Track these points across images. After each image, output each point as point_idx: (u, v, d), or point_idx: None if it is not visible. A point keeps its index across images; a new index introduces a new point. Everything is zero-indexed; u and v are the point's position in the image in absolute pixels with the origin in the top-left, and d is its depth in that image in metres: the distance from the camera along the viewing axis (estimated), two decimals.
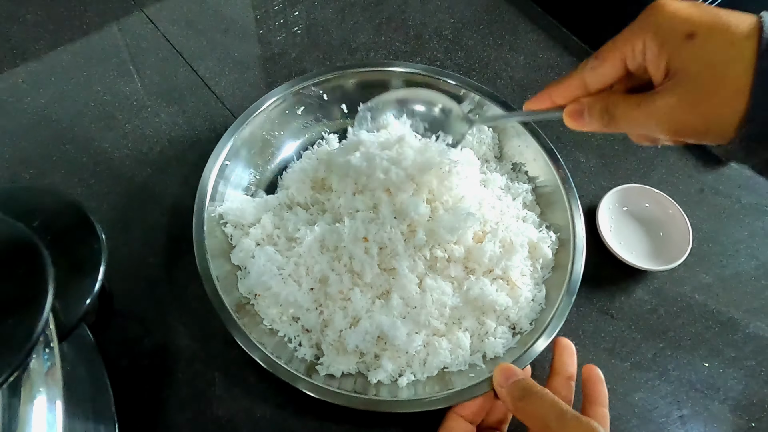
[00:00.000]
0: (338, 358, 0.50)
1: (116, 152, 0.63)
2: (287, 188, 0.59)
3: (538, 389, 0.41)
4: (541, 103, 0.41)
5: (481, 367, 0.50)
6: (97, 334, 0.49)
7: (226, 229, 0.55)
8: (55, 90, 0.67)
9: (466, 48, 0.76)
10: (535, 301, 0.54)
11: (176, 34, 0.73)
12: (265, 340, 0.49)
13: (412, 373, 0.50)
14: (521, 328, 0.53)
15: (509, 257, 0.53)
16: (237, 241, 0.55)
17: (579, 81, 0.38)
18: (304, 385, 0.47)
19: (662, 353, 0.57)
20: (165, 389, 0.51)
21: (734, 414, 0.54)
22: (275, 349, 0.49)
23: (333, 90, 0.64)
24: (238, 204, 0.56)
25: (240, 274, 0.54)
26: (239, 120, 0.59)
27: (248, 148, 0.59)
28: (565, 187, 0.58)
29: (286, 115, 0.62)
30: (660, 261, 0.59)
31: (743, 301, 0.60)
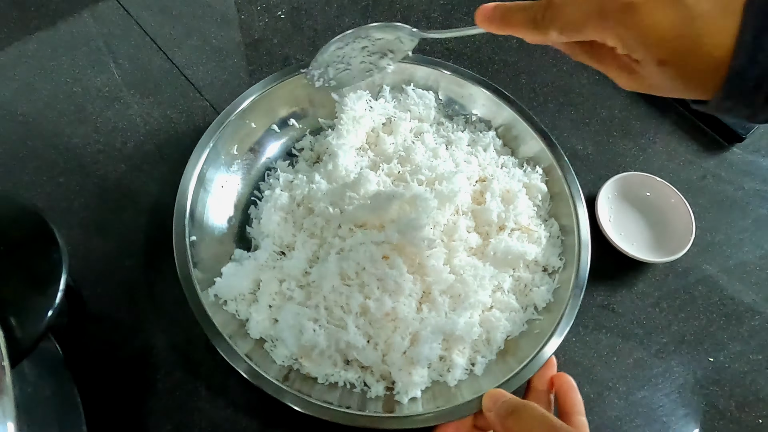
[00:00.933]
0: (412, 378, 0.47)
1: (87, 147, 0.59)
2: (268, 236, 0.53)
3: (526, 404, 0.40)
4: (496, 29, 0.37)
5: (540, 320, 0.51)
6: (69, 343, 0.46)
7: (228, 307, 0.49)
8: (21, 82, 0.62)
9: None
10: (552, 235, 0.55)
11: (149, 20, 0.69)
12: (251, 351, 0.46)
13: (483, 357, 0.49)
14: (553, 266, 0.54)
15: (514, 206, 0.55)
16: (248, 315, 0.49)
17: (540, 38, 0.35)
18: (291, 399, 0.44)
19: (666, 349, 0.55)
20: (144, 400, 0.48)
21: (741, 410, 0.52)
22: (260, 361, 0.46)
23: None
24: (229, 279, 0.49)
25: (267, 346, 0.48)
26: (218, 120, 0.55)
27: (227, 149, 0.56)
28: (567, 180, 0.56)
29: (268, 112, 0.59)
30: (662, 252, 0.57)
31: (748, 292, 0.58)
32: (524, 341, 0.50)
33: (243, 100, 0.56)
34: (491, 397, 0.43)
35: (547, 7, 0.33)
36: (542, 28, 0.34)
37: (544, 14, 0.33)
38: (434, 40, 0.72)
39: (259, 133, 0.59)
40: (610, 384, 0.53)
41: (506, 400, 0.41)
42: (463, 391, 0.47)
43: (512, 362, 0.48)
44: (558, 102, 0.68)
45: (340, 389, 0.47)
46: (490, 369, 0.49)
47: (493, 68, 0.70)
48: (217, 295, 0.49)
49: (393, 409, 0.46)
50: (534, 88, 0.69)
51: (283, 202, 0.53)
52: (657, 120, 0.68)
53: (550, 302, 0.52)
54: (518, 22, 0.35)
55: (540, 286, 0.53)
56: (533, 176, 0.57)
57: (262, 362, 0.46)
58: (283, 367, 0.47)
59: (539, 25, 0.34)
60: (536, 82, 0.69)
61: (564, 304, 0.50)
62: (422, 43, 0.71)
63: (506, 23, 0.36)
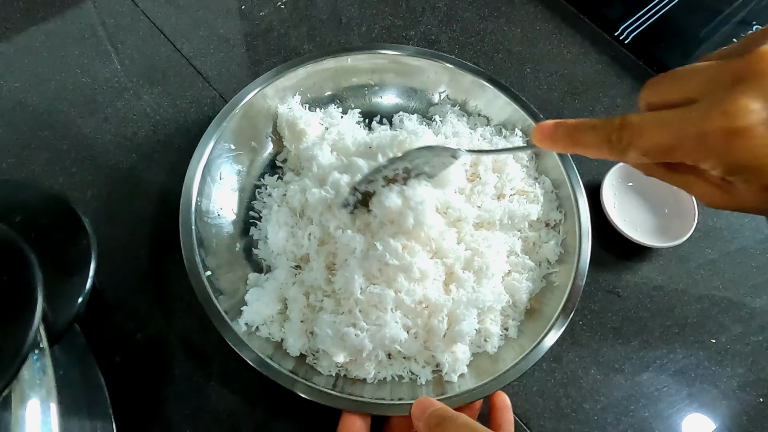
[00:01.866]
0: (456, 356, 0.48)
1: (98, 138, 0.60)
2: (280, 254, 0.53)
3: (452, 414, 0.39)
4: (559, 149, 0.35)
5: (556, 272, 0.54)
6: (89, 332, 0.47)
7: (261, 333, 0.49)
8: (30, 73, 0.63)
9: (461, 21, 0.73)
10: (546, 191, 0.57)
11: (156, 11, 0.69)
12: (295, 368, 0.47)
13: (513, 320, 0.52)
14: (554, 219, 0.56)
15: (506, 173, 0.57)
16: (281, 335, 0.49)
17: (615, 157, 0.32)
18: (346, 404, 0.45)
19: (669, 331, 0.56)
20: (162, 385, 0.49)
21: (742, 390, 0.54)
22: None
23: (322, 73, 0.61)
24: (255, 305, 0.49)
25: (310, 360, 0.49)
26: (224, 111, 0.55)
27: (235, 141, 0.56)
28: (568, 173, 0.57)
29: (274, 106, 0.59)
30: (665, 237, 0.58)
31: (749, 275, 0.59)
32: (547, 295, 0.53)
33: (249, 91, 0.57)
34: (419, 406, 0.41)
35: (623, 127, 0.31)
36: (619, 150, 0.31)
37: (620, 135, 0.31)
38: (440, 30, 0.72)
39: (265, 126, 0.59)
40: (616, 366, 0.54)
41: (434, 410, 0.40)
42: (503, 356, 0.49)
43: (541, 317, 0.51)
44: (562, 91, 0.69)
45: (389, 383, 0.48)
46: (522, 329, 0.52)
47: (498, 58, 0.71)
48: (248, 323, 0.49)
49: (444, 390, 0.47)
50: (538, 77, 0.70)
51: (284, 218, 0.53)
52: None
53: (562, 253, 0.54)
54: (590, 143, 0.33)
55: (548, 241, 0.55)
56: (515, 140, 0.59)
57: (308, 375, 0.47)
58: (330, 377, 0.48)
59: (615, 147, 0.31)
60: (540, 71, 0.70)
61: (575, 253, 0.52)
62: (427, 35, 0.72)
63: (574, 143, 0.34)
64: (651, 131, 0.30)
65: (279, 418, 0.49)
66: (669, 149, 0.29)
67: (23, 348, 0.23)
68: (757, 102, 0.27)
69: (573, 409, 0.52)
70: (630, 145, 0.31)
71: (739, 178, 0.29)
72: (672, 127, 0.29)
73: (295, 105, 0.59)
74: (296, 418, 0.49)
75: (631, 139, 0.31)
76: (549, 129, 0.35)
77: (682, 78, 0.30)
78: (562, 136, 0.34)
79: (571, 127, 0.34)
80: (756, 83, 0.27)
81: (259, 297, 0.49)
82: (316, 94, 0.62)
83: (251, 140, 0.58)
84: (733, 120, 0.27)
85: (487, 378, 0.47)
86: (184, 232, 0.50)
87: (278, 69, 0.58)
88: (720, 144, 0.28)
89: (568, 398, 0.52)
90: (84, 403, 0.37)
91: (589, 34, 0.73)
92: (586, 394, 0.52)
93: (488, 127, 0.61)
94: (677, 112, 0.29)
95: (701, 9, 0.76)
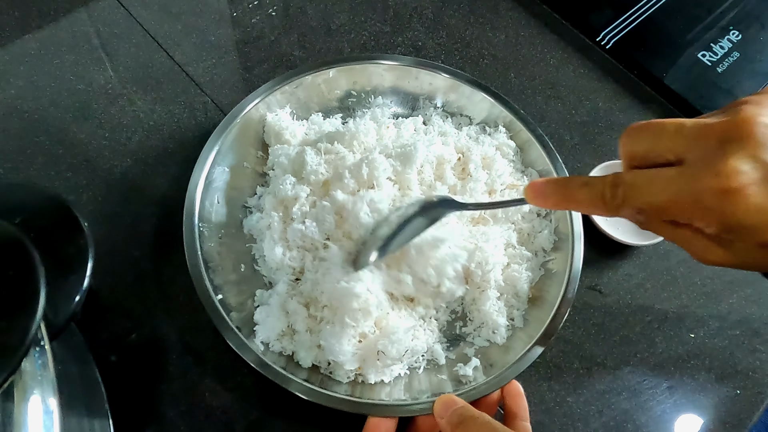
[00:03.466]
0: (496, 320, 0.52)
1: (93, 143, 0.61)
2: (279, 269, 0.53)
3: (474, 413, 0.41)
4: (552, 206, 0.37)
5: (553, 259, 0.56)
6: (85, 331, 0.48)
7: (274, 348, 0.49)
8: (25, 80, 0.64)
9: (447, 27, 0.75)
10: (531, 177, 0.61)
11: (150, 19, 0.71)
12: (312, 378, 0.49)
13: (517, 309, 0.54)
14: (545, 209, 0.59)
15: (495, 169, 0.59)
16: (293, 348, 0.50)
17: (609, 214, 0.33)
18: (299, 388, 0.46)
19: (649, 326, 0.58)
20: (157, 383, 0.51)
21: (720, 382, 0.56)
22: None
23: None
24: (266, 323, 0.50)
25: (324, 370, 0.50)
26: (223, 123, 0.57)
27: (235, 151, 0.58)
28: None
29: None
30: (646, 236, 0.60)
31: (726, 272, 0.61)
32: (547, 282, 0.55)
33: (247, 104, 0.58)
34: (443, 404, 0.43)
35: (615, 185, 0.32)
36: (613, 207, 0.32)
37: (614, 192, 0.32)
38: (426, 37, 0.74)
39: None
40: (598, 360, 0.56)
41: (457, 409, 0.42)
42: (513, 345, 0.52)
43: (544, 304, 0.53)
44: (545, 95, 0.71)
45: (408, 379, 0.50)
46: (527, 317, 0.54)
47: (483, 63, 0.73)
48: (263, 341, 0.49)
49: (460, 382, 0.49)
50: (522, 81, 0.72)
51: (278, 233, 0.54)
52: (640, 111, 0.71)
53: (556, 241, 0.57)
54: (582, 200, 0.34)
55: (541, 230, 0.58)
56: (499, 136, 0.62)
57: (325, 384, 0.48)
58: (347, 384, 0.49)
59: (609, 204, 0.32)
60: (524, 75, 0.72)
61: (569, 240, 0.55)
62: (414, 42, 0.74)
63: (567, 200, 0.35)
64: (644, 190, 0.30)
65: (273, 415, 0.50)
66: (663, 208, 0.30)
67: (27, 337, 0.24)
68: (747, 163, 0.28)
69: (557, 403, 0.53)
70: (624, 203, 0.31)
71: (734, 236, 0.30)
72: (666, 187, 0.30)
73: (284, 115, 0.61)
74: (290, 415, 0.50)
75: (625, 197, 0.31)
76: (540, 186, 0.36)
77: (667, 133, 0.31)
78: (552, 193, 0.35)
79: (562, 183, 0.35)
80: (745, 144, 0.28)
81: (268, 314, 0.50)
82: (304, 105, 0.64)
83: (250, 154, 0.60)
84: (726, 181, 0.28)
85: (500, 369, 0.49)
86: (190, 256, 0.50)
87: (276, 81, 0.60)
88: (714, 203, 0.28)
89: (551, 392, 0.54)
90: (82, 399, 0.38)
91: (572, 39, 0.76)
92: (569, 388, 0.54)
93: (472, 126, 0.64)
94: (669, 172, 0.30)
95: (682, 15, 0.78)
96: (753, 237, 0.29)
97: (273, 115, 0.60)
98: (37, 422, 0.30)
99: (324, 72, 0.62)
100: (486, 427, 0.39)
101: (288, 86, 0.60)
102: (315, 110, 0.64)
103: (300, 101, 0.62)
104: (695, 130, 0.30)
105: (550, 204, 0.36)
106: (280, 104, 0.61)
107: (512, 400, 0.48)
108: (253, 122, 0.59)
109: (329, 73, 0.62)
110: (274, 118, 0.60)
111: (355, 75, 0.64)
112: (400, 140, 0.60)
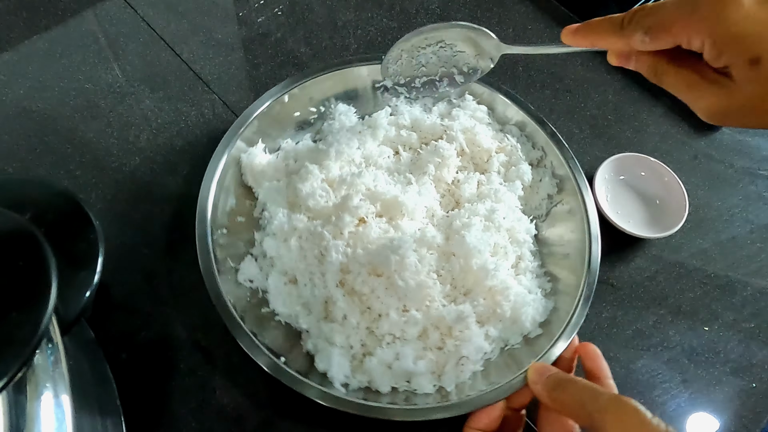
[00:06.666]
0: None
1: (102, 141, 0.61)
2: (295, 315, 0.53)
3: (570, 377, 0.43)
4: (580, 41, 0.40)
5: (561, 201, 0.58)
6: (95, 328, 0.48)
7: (353, 384, 0.49)
8: (34, 80, 0.64)
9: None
10: (515, 136, 0.62)
11: (156, 18, 0.71)
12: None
13: (500, 332, 0.52)
14: (536, 158, 0.61)
15: (478, 142, 0.60)
16: (368, 380, 0.49)
17: (624, 43, 0.37)
18: (313, 392, 0.46)
19: (663, 320, 0.57)
20: (168, 380, 0.50)
21: (735, 376, 0.55)
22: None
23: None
24: (334, 361, 0.49)
25: (355, 379, 0.49)
26: (234, 126, 0.56)
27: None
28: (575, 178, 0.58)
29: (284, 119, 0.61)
30: (657, 228, 0.59)
31: (740, 264, 0.61)
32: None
33: (258, 106, 0.58)
34: (537, 370, 0.45)
35: (635, 12, 0.35)
36: (628, 31, 0.35)
37: (631, 18, 0.35)
38: None
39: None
40: (611, 354, 0.55)
41: (552, 374, 0.44)
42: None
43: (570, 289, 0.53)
44: (554, 88, 0.71)
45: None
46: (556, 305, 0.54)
47: None
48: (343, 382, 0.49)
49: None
50: (531, 75, 0.71)
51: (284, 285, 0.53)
52: (649, 103, 0.71)
53: (558, 183, 0.59)
54: (603, 29, 0.37)
55: (541, 179, 0.60)
56: (469, 104, 0.62)
57: (411, 399, 0.48)
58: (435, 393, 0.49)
59: (625, 28, 0.35)
60: (532, 69, 0.72)
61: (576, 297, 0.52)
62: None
63: (591, 31, 0.38)
64: (656, 9, 0.33)
65: (284, 412, 0.50)
66: (668, 24, 0.33)
67: (39, 329, 0.24)
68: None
69: None
70: (637, 23, 0.34)
71: (728, 52, 0.31)
72: (673, 5, 0.33)
73: (258, 152, 0.58)
74: (301, 413, 0.50)
75: (639, 19, 0.34)
76: (573, 26, 0.40)
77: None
78: (583, 27, 0.39)
79: (590, 21, 0.39)
80: None
81: (331, 356, 0.49)
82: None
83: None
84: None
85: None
86: (203, 259, 0.50)
87: (288, 81, 0.60)
88: (710, 12, 0.31)
89: None
90: (94, 396, 0.38)
91: None
92: None
93: (440, 104, 0.64)
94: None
95: None
96: (745, 51, 0.30)
97: (246, 155, 0.57)
98: (50, 417, 0.30)
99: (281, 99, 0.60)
100: (582, 387, 0.41)
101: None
102: (279, 137, 0.61)
103: (262, 131, 0.59)
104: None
105: (579, 37, 0.39)
106: (250, 142, 0.58)
107: (592, 362, 0.48)
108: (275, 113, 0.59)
109: (285, 98, 0.60)
110: (249, 157, 0.57)
111: (309, 92, 0.61)
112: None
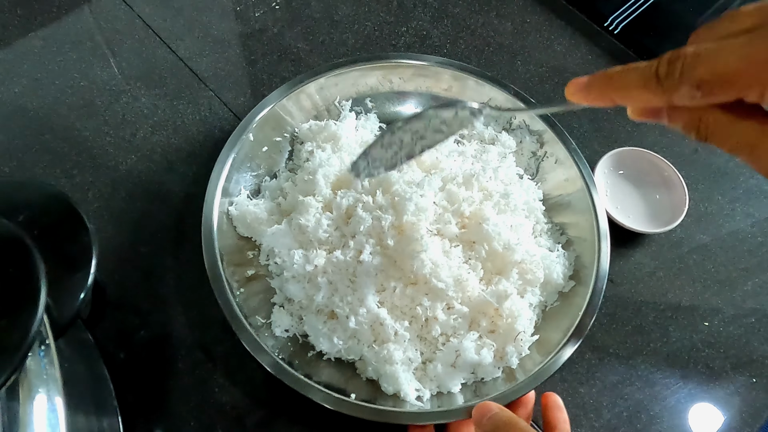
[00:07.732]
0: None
1: (98, 140, 0.61)
2: (306, 308, 0.52)
3: (511, 421, 0.41)
4: (596, 100, 0.31)
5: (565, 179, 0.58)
6: (92, 328, 0.48)
7: (425, 396, 0.49)
8: (29, 78, 0.64)
9: (452, 15, 0.74)
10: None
11: (152, 14, 0.70)
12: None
13: (539, 296, 0.53)
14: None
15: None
16: (379, 373, 0.49)
17: (663, 99, 0.28)
18: (315, 393, 0.46)
19: (662, 315, 0.57)
20: (166, 379, 0.50)
21: (735, 371, 0.55)
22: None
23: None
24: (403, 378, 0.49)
25: (426, 389, 0.49)
26: (240, 126, 0.56)
27: (252, 155, 0.57)
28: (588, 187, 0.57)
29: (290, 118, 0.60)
30: (657, 223, 0.59)
31: (741, 259, 0.60)
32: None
33: (263, 107, 0.57)
34: (480, 410, 0.43)
35: (673, 59, 0.27)
36: (669, 85, 0.27)
37: (670, 68, 0.27)
38: (431, 26, 0.73)
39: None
40: (611, 350, 0.55)
41: (492, 415, 0.41)
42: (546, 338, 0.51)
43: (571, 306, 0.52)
44: (553, 82, 0.70)
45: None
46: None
47: (489, 51, 0.72)
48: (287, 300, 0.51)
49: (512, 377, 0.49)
50: (529, 69, 0.71)
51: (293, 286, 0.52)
52: None
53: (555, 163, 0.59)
54: (631, 83, 0.29)
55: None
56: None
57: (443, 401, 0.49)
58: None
59: (663, 82, 0.27)
60: (531, 63, 0.71)
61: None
62: (419, 31, 0.73)
63: (610, 86, 0.30)
64: (710, 57, 0.26)
65: (283, 411, 0.50)
66: (731, 76, 0.26)
67: (28, 335, 0.24)
68: None
69: (569, 394, 0.53)
70: (683, 76, 0.26)
71: None
72: (735, 50, 0.25)
73: (244, 200, 0.55)
74: (301, 411, 0.50)
75: (684, 70, 0.26)
76: (581, 80, 0.31)
77: (742, 14, 0.28)
78: (598, 80, 0.31)
79: (606, 72, 0.30)
80: None
81: (396, 376, 0.49)
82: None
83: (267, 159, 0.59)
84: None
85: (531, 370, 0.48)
86: (209, 262, 0.50)
87: (293, 82, 0.59)
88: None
89: (563, 383, 0.53)
90: (90, 397, 0.38)
91: (580, 25, 0.74)
92: (581, 379, 0.53)
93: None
94: (740, 38, 0.26)
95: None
96: None
97: (234, 208, 0.54)
98: (43, 421, 0.30)
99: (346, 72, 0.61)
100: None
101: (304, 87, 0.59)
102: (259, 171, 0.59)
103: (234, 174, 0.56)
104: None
105: (593, 94, 0.31)
106: (228, 193, 0.55)
107: (551, 413, 0.47)
108: (273, 122, 0.59)
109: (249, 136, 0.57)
110: (238, 208, 0.55)
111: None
112: None
